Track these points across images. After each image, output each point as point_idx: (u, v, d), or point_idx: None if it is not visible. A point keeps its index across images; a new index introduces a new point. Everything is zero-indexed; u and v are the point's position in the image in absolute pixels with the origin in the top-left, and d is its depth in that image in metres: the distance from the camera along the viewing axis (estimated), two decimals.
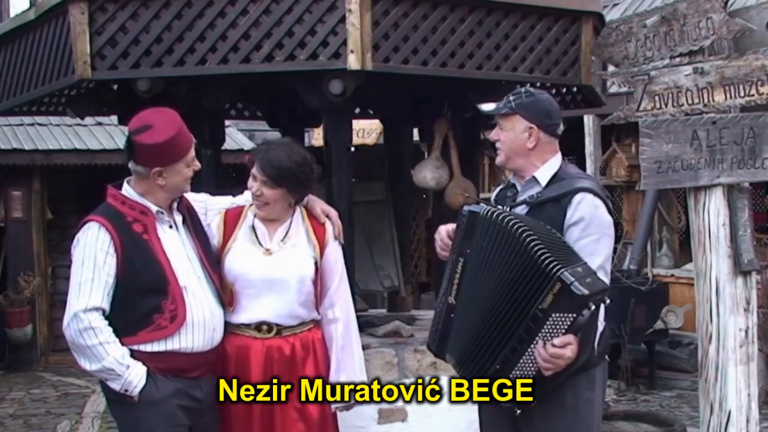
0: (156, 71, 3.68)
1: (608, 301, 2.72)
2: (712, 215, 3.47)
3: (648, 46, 3.60)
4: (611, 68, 4.00)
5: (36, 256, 9.76)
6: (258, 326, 3.15)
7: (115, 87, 4.73)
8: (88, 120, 8.97)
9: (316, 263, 3.20)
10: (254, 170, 3.14)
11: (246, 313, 3.15)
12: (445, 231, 3.04)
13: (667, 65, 3.55)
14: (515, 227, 2.74)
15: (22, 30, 4.18)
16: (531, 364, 2.71)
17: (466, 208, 2.95)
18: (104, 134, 9.86)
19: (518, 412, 2.76)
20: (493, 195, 3.25)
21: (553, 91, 4.96)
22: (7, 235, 9.75)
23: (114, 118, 5.54)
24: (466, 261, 2.88)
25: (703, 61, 3.45)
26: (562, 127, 3.12)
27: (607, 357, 3.04)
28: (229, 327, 3.17)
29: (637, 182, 7.22)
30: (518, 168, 3.03)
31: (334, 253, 3.28)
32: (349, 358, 3.25)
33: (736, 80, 3.37)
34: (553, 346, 2.65)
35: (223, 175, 4.44)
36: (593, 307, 2.64)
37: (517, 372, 2.73)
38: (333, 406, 3.22)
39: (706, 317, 3.50)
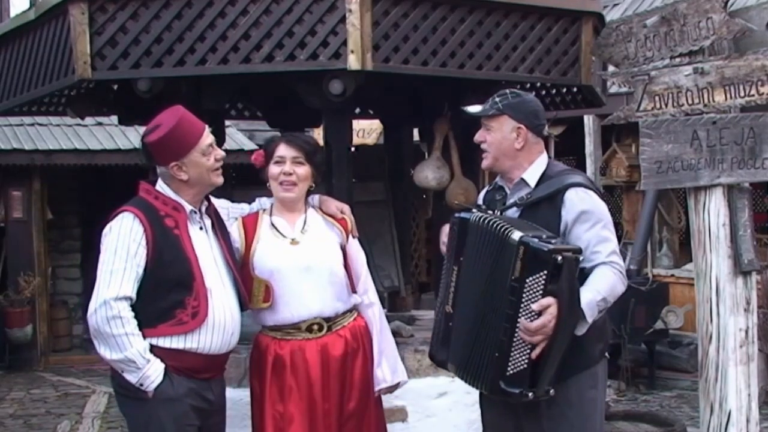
0: (156, 71, 3.68)
1: (582, 257, 2.76)
2: (712, 215, 3.47)
3: (648, 46, 3.60)
4: (611, 68, 3.99)
5: (36, 256, 9.75)
6: (309, 327, 3.18)
7: (115, 87, 4.74)
8: (88, 120, 8.98)
9: (343, 248, 3.27)
10: (281, 152, 3.19)
11: (289, 309, 3.17)
12: (446, 233, 3.06)
13: (667, 65, 3.55)
14: (502, 229, 2.77)
15: (22, 30, 4.19)
16: (524, 342, 2.72)
17: (456, 215, 2.98)
18: (104, 134, 9.86)
19: (530, 395, 2.74)
20: (480, 196, 3.26)
21: (554, 91, 4.97)
22: (7, 235, 9.75)
23: (114, 118, 5.54)
24: (460, 268, 2.90)
25: (703, 61, 3.45)
26: (547, 128, 3.14)
27: (607, 355, 3.05)
28: (276, 332, 3.20)
29: (637, 182, 7.23)
30: (506, 170, 3.04)
31: (356, 244, 3.36)
32: (387, 341, 3.34)
33: (736, 80, 3.37)
34: (532, 313, 2.66)
35: (224, 175, 4.43)
36: (560, 259, 2.65)
37: (515, 353, 2.73)
38: (377, 389, 3.27)
39: (706, 317, 3.50)
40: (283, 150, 3.20)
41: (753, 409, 3.48)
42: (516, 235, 2.72)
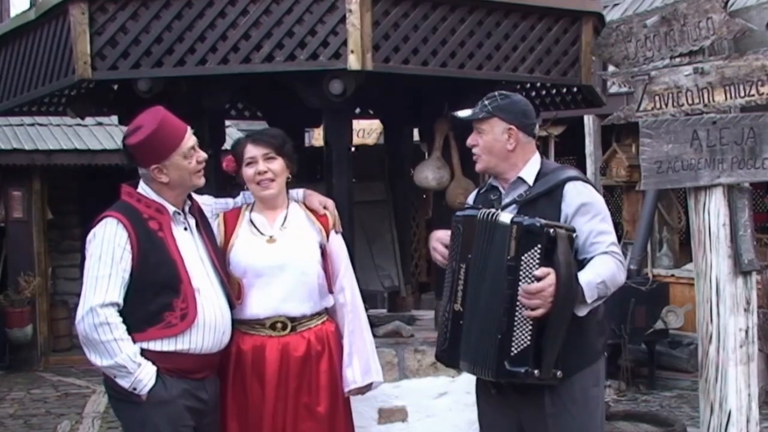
0: (156, 71, 3.68)
1: (575, 234, 2.81)
2: (713, 215, 3.47)
3: (648, 46, 3.60)
4: (611, 68, 4.00)
5: (36, 256, 9.76)
6: (273, 324, 3.17)
7: (116, 87, 4.73)
8: (89, 120, 8.98)
9: (322, 247, 3.25)
10: (250, 153, 3.18)
11: (258, 306, 3.16)
12: (437, 239, 3.06)
13: (667, 65, 3.55)
14: (498, 218, 2.81)
15: (22, 30, 4.18)
16: (525, 319, 2.73)
17: (459, 213, 2.98)
18: (104, 134, 9.86)
19: (536, 372, 2.73)
20: (471, 198, 3.25)
21: (554, 91, 4.97)
22: (8, 235, 9.76)
23: (114, 118, 5.54)
24: (468, 266, 2.89)
25: (703, 61, 3.45)
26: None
27: (605, 353, 3.06)
28: (242, 326, 3.19)
29: (637, 182, 7.22)
30: (500, 171, 3.04)
31: (338, 240, 3.34)
32: (361, 340, 3.29)
33: (737, 80, 3.37)
34: (533, 279, 2.69)
35: (224, 175, 4.42)
36: (552, 231, 2.70)
37: (517, 331, 2.74)
38: (347, 390, 3.24)
39: (707, 317, 3.50)
40: (251, 150, 3.19)
41: (753, 409, 3.48)
42: (506, 217, 2.78)
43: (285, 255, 3.17)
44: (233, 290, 3.15)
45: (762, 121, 3.37)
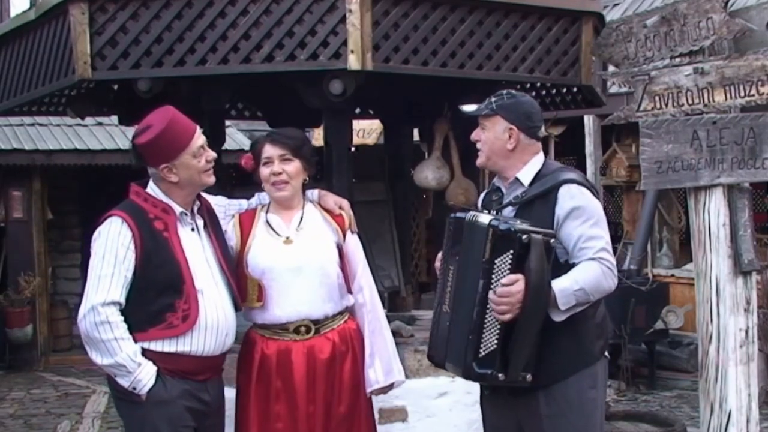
0: (156, 71, 3.68)
1: (553, 240, 2.80)
2: (713, 215, 3.47)
3: (648, 46, 3.60)
4: (611, 68, 4.00)
5: (36, 256, 9.75)
6: (296, 328, 3.16)
7: (116, 87, 4.74)
8: (89, 120, 8.97)
9: (339, 247, 3.24)
10: (267, 153, 3.16)
11: (279, 308, 3.15)
12: (438, 258, 3.08)
13: (667, 65, 3.55)
14: (478, 219, 2.83)
15: (22, 30, 4.19)
16: (494, 322, 2.75)
17: (451, 215, 3.01)
18: (104, 134, 9.86)
19: (500, 376, 2.77)
20: (480, 200, 3.27)
21: (554, 91, 4.97)
22: (8, 235, 9.75)
23: (114, 118, 5.55)
24: (456, 268, 2.91)
25: (703, 61, 3.45)
26: (544, 130, 3.15)
27: (607, 354, 3.06)
28: (265, 331, 3.19)
29: (637, 182, 7.23)
30: (499, 169, 3.06)
31: (354, 240, 3.33)
32: (382, 340, 3.28)
33: (737, 80, 3.37)
34: (502, 285, 2.72)
35: (224, 175, 4.43)
36: (525, 237, 2.71)
37: (486, 334, 2.75)
38: (369, 390, 3.23)
39: (707, 317, 3.50)
40: (269, 150, 3.17)
41: (753, 409, 3.48)
42: (485, 219, 2.80)
43: (303, 256, 3.15)
44: (253, 293, 3.15)
45: (762, 121, 3.37)
